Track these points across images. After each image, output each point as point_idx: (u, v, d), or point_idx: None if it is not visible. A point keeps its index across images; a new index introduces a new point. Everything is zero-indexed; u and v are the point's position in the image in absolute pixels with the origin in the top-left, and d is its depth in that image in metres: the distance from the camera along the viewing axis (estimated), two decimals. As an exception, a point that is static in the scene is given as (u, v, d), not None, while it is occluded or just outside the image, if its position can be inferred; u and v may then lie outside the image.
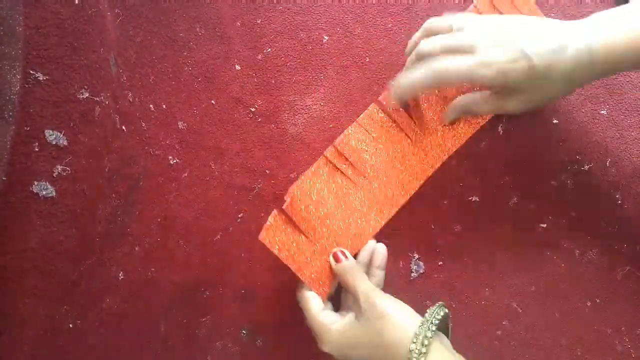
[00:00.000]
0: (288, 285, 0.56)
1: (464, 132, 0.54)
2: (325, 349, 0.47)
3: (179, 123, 0.54)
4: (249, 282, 0.57)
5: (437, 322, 0.43)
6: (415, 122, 0.54)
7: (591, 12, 0.56)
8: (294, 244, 0.50)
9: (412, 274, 0.56)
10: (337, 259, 0.51)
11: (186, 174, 0.54)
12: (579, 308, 0.54)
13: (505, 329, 0.55)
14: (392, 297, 0.47)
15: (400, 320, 0.44)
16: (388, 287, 0.51)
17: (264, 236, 0.48)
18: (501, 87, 0.45)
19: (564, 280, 0.55)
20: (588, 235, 0.55)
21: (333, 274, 0.51)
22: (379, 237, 0.54)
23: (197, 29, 0.55)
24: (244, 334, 0.57)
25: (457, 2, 0.56)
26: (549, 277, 0.55)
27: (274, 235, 0.49)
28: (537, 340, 0.55)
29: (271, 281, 0.57)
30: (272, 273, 0.57)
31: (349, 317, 0.47)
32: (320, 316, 0.49)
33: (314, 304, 0.50)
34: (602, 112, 0.54)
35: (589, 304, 0.55)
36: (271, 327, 0.57)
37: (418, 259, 0.56)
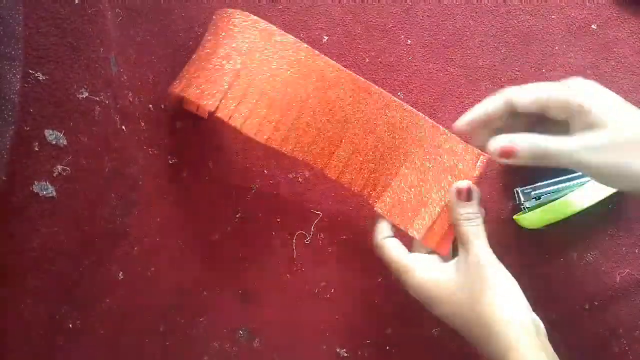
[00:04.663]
0: (286, 286, 0.57)
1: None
2: (413, 293, 0.43)
3: (177, 123, 0.53)
4: (246, 282, 0.57)
5: None
6: None
7: (592, 14, 0.56)
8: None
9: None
10: (462, 195, 0.43)
11: (185, 174, 0.54)
12: (577, 311, 0.55)
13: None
14: (506, 272, 0.42)
15: (509, 292, 0.40)
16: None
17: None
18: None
19: (562, 283, 0.55)
20: (586, 238, 0.55)
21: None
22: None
23: (196, 29, 0.55)
24: (241, 334, 0.57)
25: (457, 3, 0.56)
26: (547, 280, 0.55)
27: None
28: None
29: (269, 282, 0.57)
30: (270, 273, 0.57)
31: (451, 268, 0.42)
32: (404, 261, 0.43)
33: (395, 248, 0.45)
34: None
35: (586, 306, 0.55)
36: (269, 328, 0.57)
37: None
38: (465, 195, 0.43)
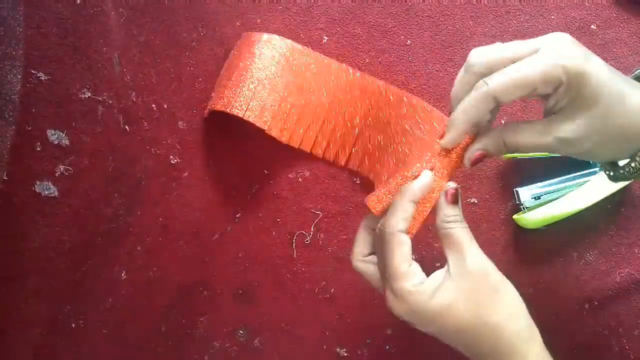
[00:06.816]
0: (286, 286, 0.57)
1: None
2: (400, 312, 0.38)
3: (179, 123, 0.53)
4: (246, 282, 0.57)
5: None
6: None
7: (592, 15, 0.56)
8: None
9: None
10: (450, 197, 0.39)
11: (186, 174, 0.54)
12: (577, 310, 0.55)
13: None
14: (505, 278, 0.39)
15: (515, 300, 0.37)
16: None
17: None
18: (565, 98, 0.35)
19: (562, 283, 0.55)
20: (586, 238, 0.55)
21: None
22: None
23: (199, 29, 0.55)
24: (241, 334, 0.57)
25: (458, 3, 0.56)
26: (547, 280, 0.55)
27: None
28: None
29: (269, 281, 0.57)
30: (270, 273, 0.57)
31: (443, 277, 0.38)
32: (405, 267, 0.39)
33: (405, 247, 0.40)
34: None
35: (586, 306, 0.55)
36: (269, 328, 0.57)
37: (415, 259, 0.56)
38: (453, 198, 0.40)
